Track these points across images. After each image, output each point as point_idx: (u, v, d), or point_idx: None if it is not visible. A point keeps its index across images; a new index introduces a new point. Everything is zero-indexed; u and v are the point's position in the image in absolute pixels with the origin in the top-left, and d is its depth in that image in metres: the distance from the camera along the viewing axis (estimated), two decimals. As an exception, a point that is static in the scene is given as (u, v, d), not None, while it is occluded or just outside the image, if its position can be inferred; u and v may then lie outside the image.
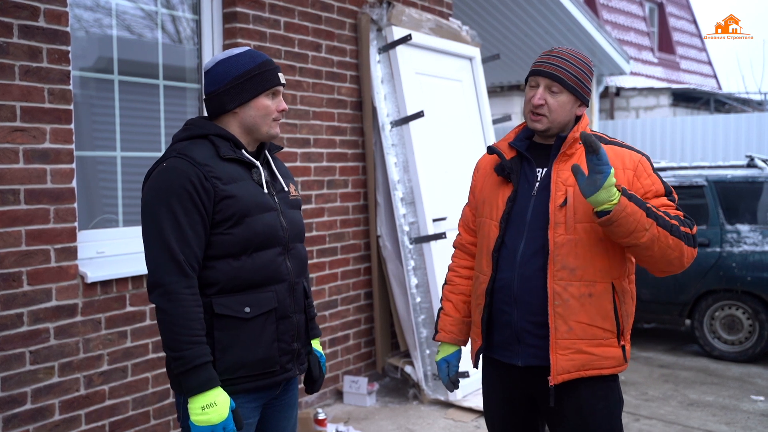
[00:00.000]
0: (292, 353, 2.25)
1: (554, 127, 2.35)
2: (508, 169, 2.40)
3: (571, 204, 2.28)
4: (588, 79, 2.37)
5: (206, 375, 2.03)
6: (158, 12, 4.21)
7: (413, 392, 5.10)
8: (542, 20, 8.71)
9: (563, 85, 2.31)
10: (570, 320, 2.28)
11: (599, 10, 15.18)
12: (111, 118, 3.98)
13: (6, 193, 3.31)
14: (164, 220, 2.06)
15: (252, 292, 2.15)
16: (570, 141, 2.33)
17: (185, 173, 2.07)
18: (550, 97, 2.32)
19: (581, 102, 2.37)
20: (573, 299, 2.28)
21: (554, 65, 2.32)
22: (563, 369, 2.29)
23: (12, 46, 3.31)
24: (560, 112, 2.32)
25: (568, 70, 2.31)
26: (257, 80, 2.20)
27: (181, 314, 2.03)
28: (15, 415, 3.34)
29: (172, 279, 2.04)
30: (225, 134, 2.20)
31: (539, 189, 2.36)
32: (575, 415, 2.34)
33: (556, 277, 2.28)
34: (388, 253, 5.24)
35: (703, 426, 4.67)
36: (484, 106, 6.01)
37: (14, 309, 3.34)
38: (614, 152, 2.32)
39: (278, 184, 2.30)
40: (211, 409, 2.02)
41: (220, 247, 2.12)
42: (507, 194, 2.40)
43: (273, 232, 2.19)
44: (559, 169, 2.33)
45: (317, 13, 4.93)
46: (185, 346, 2.02)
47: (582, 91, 2.34)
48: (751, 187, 6.28)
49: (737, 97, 15.48)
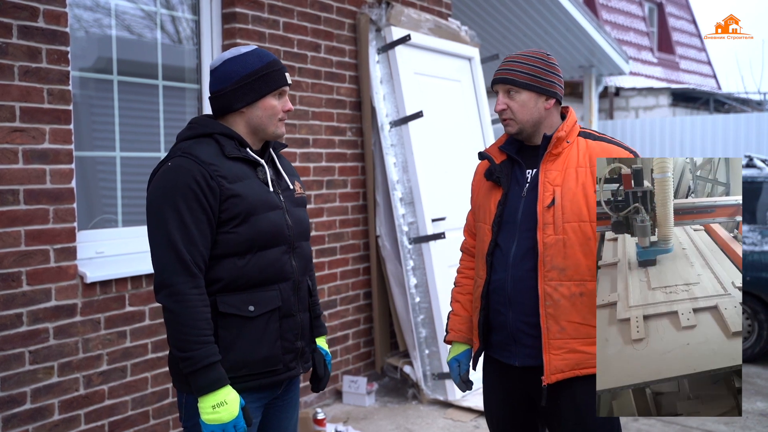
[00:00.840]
0: (295, 352, 2.25)
1: (526, 127, 2.39)
2: (497, 173, 2.44)
3: (558, 204, 2.30)
4: (545, 72, 2.37)
5: (216, 374, 2.04)
6: (157, 12, 4.22)
7: (412, 392, 5.11)
8: (541, 20, 8.71)
9: (517, 85, 2.36)
10: (561, 320, 2.30)
11: (598, 10, 15.19)
12: (110, 119, 3.99)
13: (5, 193, 3.32)
14: (170, 220, 2.05)
15: (256, 291, 2.15)
16: (554, 140, 2.36)
17: (191, 172, 2.07)
18: (510, 100, 2.38)
19: (546, 96, 2.38)
20: (564, 299, 2.30)
21: (505, 69, 2.39)
22: (557, 368, 2.31)
23: (11, 46, 3.32)
24: (524, 111, 2.37)
25: (518, 70, 2.36)
26: (265, 80, 2.20)
27: (189, 315, 2.03)
28: (14, 414, 3.35)
29: (179, 279, 2.04)
30: (230, 133, 2.19)
31: (528, 190, 2.39)
32: (572, 415, 2.35)
33: (546, 277, 2.31)
34: (387, 253, 5.24)
35: (702, 426, 4.67)
36: (483, 106, 6.02)
37: (13, 309, 3.35)
38: (601, 148, 2.36)
39: (283, 182, 2.30)
40: (221, 408, 2.02)
41: (225, 246, 2.12)
42: (498, 198, 2.44)
43: (278, 230, 2.19)
44: (546, 170, 2.36)
45: (316, 13, 4.94)
46: (194, 347, 2.03)
47: (540, 85, 2.36)
48: (750, 187, 6.29)
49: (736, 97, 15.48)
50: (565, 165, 2.35)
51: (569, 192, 2.30)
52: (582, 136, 2.41)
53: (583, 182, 2.30)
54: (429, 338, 5.08)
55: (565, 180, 2.32)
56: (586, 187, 2.30)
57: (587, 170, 2.32)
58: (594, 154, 2.33)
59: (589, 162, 2.32)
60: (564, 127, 2.37)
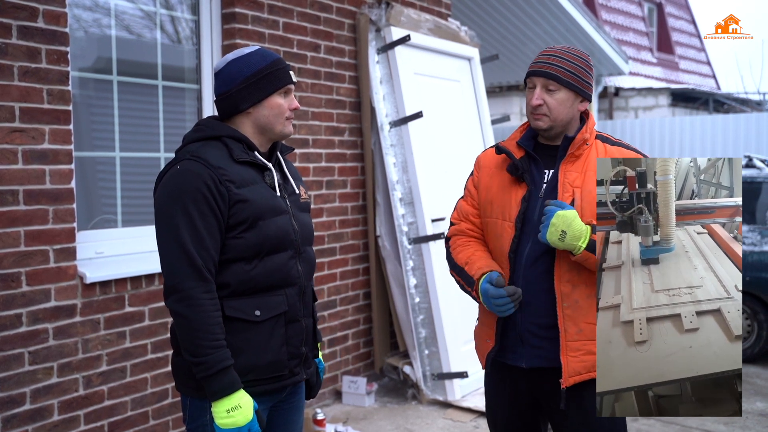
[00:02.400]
0: (300, 357, 2.24)
1: (557, 125, 2.34)
2: (522, 168, 2.37)
3: (578, 205, 2.28)
4: (586, 74, 2.35)
5: (229, 378, 2.03)
6: (157, 12, 4.21)
7: (412, 392, 5.10)
8: (541, 20, 8.71)
9: (559, 83, 2.30)
10: (580, 322, 2.28)
11: (598, 11, 15.19)
12: (110, 119, 3.98)
13: (5, 193, 3.31)
14: (180, 224, 2.03)
15: (263, 296, 2.14)
16: (578, 142, 2.33)
17: (200, 176, 2.05)
18: (548, 95, 2.31)
19: (582, 97, 2.35)
20: (582, 300, 2.28)
21: (549, 63, 2.32)
22: (575, 371, 2.28)
23: (11, 46, 3.31)
24: (560, 109, 2.32)
25: (563, 67, 2.31)
26: (270, 79, 2.18)
27: (202, 319, 2.01)
28: (14, 415, 3.34)
29: (190, 284, 2.02)
30: (238, 136, 2.18)
31: (546, 191, 2.35)
32: (579, 415, 2.34)
33: (563, 279, 2.28)
34: (387, 253, 5.24)
35: (701, 426, 4.67)
36: (483, 106, 6.01)
37: (13, 309, 3.34)
38: (620, 153, 2.35)
39: (290, 187, 2.29)
40: (236, 412, 2.02)
41: (233, 251, 2.10)
42: (521, 194, 2.37)
43: (285, 235, 2.18)
44: (566, 170, 2.33)
45: (316, 13, 4.94)
46: (208, 351, 2.01)
47: (580, 86, 2.33)
48: (749, 187, 6.29)
49: (736, 97, 15.49)
50: (585, 167, 2.32)
51: (588, 194, 2.28)
52: (599, 139, 2.39)
53: None
54: (429, 338, 5.07)
55: (585, 182, 2.30)
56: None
57: None
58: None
59: None
60: (587, 129, 2.36)
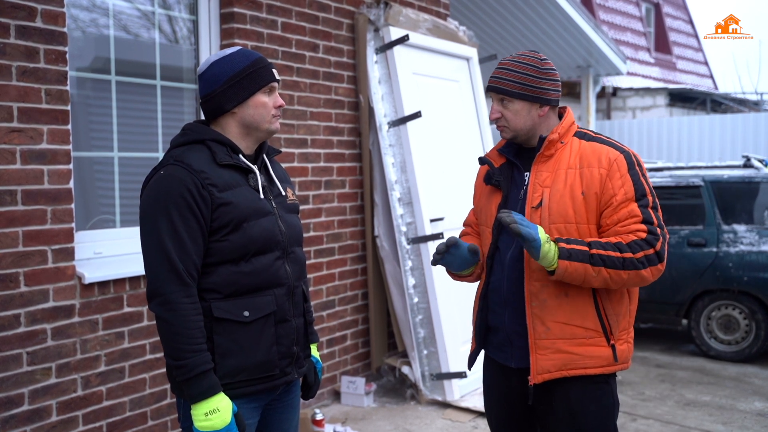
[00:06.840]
0: (291, 357, 2.25)
1: (520, 134, 2.40)
2: (496, 177, 2.45)
3: (546, 205, 2.31)
4: (537, 80, 2.35)
5: (208, 382, 2.05)
6: (155, 12, 4.21)
7: (411, 392, 5.10)
8: (539, 20, 8.71)
9: (510, 95, 2.35)
10: (547, 320, 2.32)
11: (596, 11, 15.20)
12: (108, 119, 3.97)
13: (3, 193, 3.31)
14: (163, 229, 2.06)
15: (251, 297, 2.16)
16: (546, 143, 2.36)
17: (183, 181, 2.07)
18: (504, 108, 2.39)
19: (540, 103, 2.37)
20: (550, 299, 2.31)
21: (499, 78, 2.38)
22: (543, 369, 2.33)
23: (9, 46, 3.30)
24: (517, 119, 2.37)
25: (511, 80, 2.35)
26: (253, 78, 2.20)
27: (182, 323, 2.04)
28: (12, 416, 3.34)
29: (171, 289, 2.05)
30: (222, 139, 2.20)
31: (524, 193, 2.40)
32: (566, 417, 2.37)
33: (532, 278, 2.33)
34: (385, 253, 5.24)
35: (700, 426, 4.67)
36: (481, 106, 6.01)
37: (11, 310, 3.34)
38: (592, 149, 2.34)
39: (275, 189, 2.30)
40: (214, 415, 2.04)
41: (218, 254, 2.12)
42: (498, 201, 2.45)
43: (271, 236, 2.19)
44: (537, 171, 2.37)
45: (314, 13, 4.93)
46: (187, 355, 2.04)
47: (533, 93, 2.34)
48: (747, 187, 6.29)
49: (733, 97, 15.52)
50: (557, 166, 2.35)
51: (557, 193, 2.31)
52: (577, 136, 2.40)
53: (571, 183, 2.30)
54: (427, 338, 5.07)
55: (554, 181, 2.33)
56: (574, 188, 2.29)
57: (576, 171, 2.31)
58: (584, 155, 2.32)
59: (579, 163, 2.32)
60: (558, 129, 2.37)
